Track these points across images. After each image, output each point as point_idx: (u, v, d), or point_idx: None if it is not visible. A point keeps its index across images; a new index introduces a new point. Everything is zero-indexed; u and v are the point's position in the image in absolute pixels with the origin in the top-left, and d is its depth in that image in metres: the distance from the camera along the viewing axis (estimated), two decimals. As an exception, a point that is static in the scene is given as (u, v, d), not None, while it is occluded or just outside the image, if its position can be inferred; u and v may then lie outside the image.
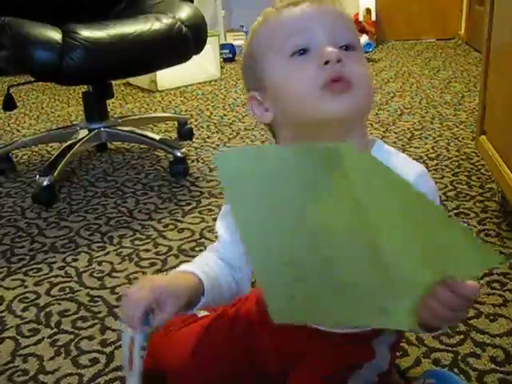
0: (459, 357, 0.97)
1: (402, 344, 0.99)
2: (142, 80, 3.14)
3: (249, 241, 0.52)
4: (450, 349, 0.99)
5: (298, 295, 0.54)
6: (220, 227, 0.81)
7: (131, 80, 3.26)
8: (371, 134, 2.18)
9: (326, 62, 0.67)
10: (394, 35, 4.32)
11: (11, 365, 1.02)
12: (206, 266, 0.74)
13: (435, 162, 1.86)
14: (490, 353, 0.98)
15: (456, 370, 0.94)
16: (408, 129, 2.22)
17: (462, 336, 1.02)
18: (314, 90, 0.67)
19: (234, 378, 0.81)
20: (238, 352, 0.80)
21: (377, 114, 2.45)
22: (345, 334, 0.77)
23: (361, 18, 4.02)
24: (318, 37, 0.69)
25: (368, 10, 4.06)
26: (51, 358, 1.03)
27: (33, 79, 1.80)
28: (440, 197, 1.59)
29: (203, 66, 3.18)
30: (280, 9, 0.73)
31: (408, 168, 0.73)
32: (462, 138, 2.08)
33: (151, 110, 2.78)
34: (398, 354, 0.97)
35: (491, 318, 1.07)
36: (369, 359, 0.76)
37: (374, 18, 4.06)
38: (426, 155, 1.93)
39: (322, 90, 0.67)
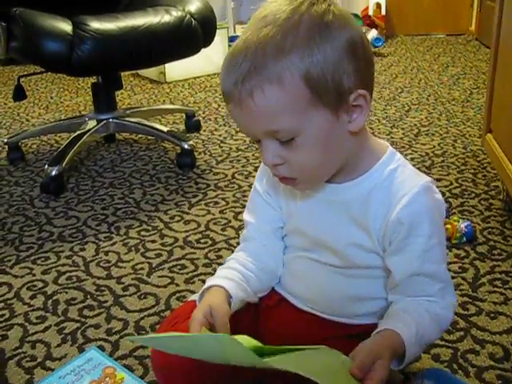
0: (459, 353, 0.99)
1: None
2: (150, 71, 3.15)
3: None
4: (450, 345, 1.01)
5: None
6: (246, 216, 0.90)
7: (140, 71, 3.27)
8: (378, 129, 2.19)
9: None
10: (403, 30, 4.31)
11: (19, 350, 1.05)
12: (234, 273, 0.83)
13: (441, 158, 1.87)
14: (489, 350, 1.00)
15: (455, 366, 0.96)
16: (415, 125, 2.23)
17: (462, 333, 1.04)
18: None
19: (235, 371, 0.83)
20: None
21: (384, 109, 2.45)
22: (353, 325, 0.82)
23: (370, 13, 4.00)
24: (255, 134, 0.71)
25: (378, 5, 4.04)
26: (58, 345, 1.06)
27: (43, 70, 1.82)
28: (447, 207, 1.60)
29: (212, 57, 3.18)
30: (221, 73, 0.70)
31: (411, 181, 0.75)
32: (469, 136, 2.08)
33: (159, 101, 2.80)
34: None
35: (492, 315, 1.09)
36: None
37: (383, 12, 4.04)
38: (433, 152, 1.93)
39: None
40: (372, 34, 3.62)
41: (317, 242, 0.82)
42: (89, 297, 1.21)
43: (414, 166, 0.80)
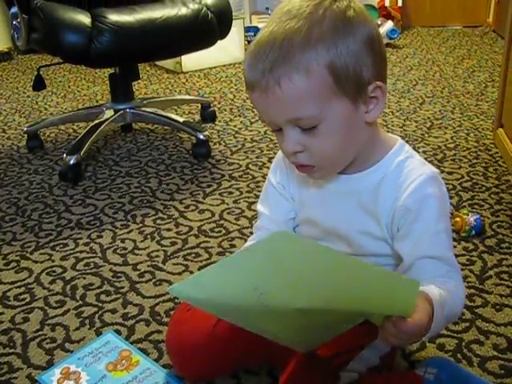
0: (463, 343, 1.01)
1: (408, 328, 1.04)
2: (167, 61, 3.18)
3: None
4: (455, 335, 1.03)
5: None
6: (260, 207, 0.94)
7: (156, 61, 3.30)
8: (392, 122, 2.20)
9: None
10: (420, 21, 4.29)
11: (40, 332, 1.09)
12: None
13: (453, 152, 1.88)
14: (494, 341, 1.02)
15: (459, 355, 0.98)
16: (428, 118, 2.24)
17: (467, 323, 1.06)
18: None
19: (247, 353, 0.87)
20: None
21: (398, 101, 2.46)
22: None
23: (387, 4, 3.99)
24: (278, 122, 0.74)
25: (395, -5, 4.03)
26: (77, 329, 1.10)
27: (62, 60, 1.86)
28: (451, 196, 1.62)
29: (228, 48, 3.20)
30: (245, 66, 0.74)
31: (418, 170, 0.79)
32: (482, 129, 2.09)
33: (175, 91, 2.83)
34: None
35: (497, 307, 1.11)
36: (371, 339, 0.81)
37: (400, 3, 4.03)
38: (445, 145, 1.95)
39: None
40: (388, 25, 3.61)
41: (328, 230, 0.85)
42: (106, 282, 1.25)
43: (425, 159, 0.83)
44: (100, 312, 1.15)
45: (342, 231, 0.84)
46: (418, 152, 0.84)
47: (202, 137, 1.92)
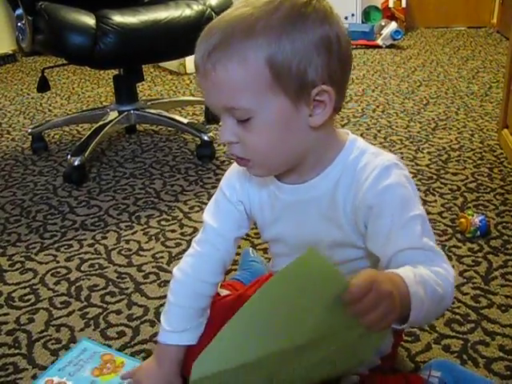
0: (469, 344, 1.01)
1: (414, 329, 1.04)
2: (171, 63, 3.18)
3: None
4: (461, 336, 1.03)
5: None
6: (208, 218, 0.90)
7: (160, 63, 3.30)
8: (396, 123, 2.20)
9: None
10: (423, 22, 4.29)
11: (45, 333, 1.10)
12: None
13: (458, 153, 1.88)
14: (499, 342, 1.02)
15: (465, 356, 0.98)
16: (432, 119, 2.24)
17: (472, 324, 1.06)
18: None
19: None
20: None
21: (402, 103, 2.46)
22: None
23: (391, 5, 3.99)
24: (215, 108, 0.72)
25: (398, -4, 4.03)
26: (81, 330, 1.10)
27: (66, 62, 1.86)
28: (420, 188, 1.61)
29: (231, 49, 3.20)
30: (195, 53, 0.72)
31: (372, 164, 0.74)
32: (487, 130, 2.09)
33: (179, 92, 2.83)
34: (409, 338, 1.02)
35: (503, 308, 1.11)
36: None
37: (404, 4, 4.03)
38: (449, 146, 1.94)
39: None
40: (392, 26, 3.61)
41: (297, 246, 0.80)
42: (110, 284, 1.25)
43: (430, 159, 0.81)
44: (105, 313, 1.15)
45: (310, 244, 0.80)
46: (421, 151, 0.82)
47: (206, 138, 1.92)
